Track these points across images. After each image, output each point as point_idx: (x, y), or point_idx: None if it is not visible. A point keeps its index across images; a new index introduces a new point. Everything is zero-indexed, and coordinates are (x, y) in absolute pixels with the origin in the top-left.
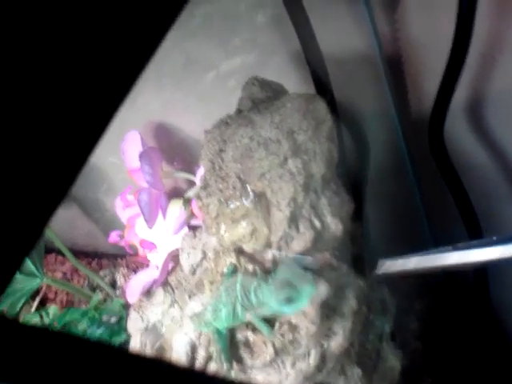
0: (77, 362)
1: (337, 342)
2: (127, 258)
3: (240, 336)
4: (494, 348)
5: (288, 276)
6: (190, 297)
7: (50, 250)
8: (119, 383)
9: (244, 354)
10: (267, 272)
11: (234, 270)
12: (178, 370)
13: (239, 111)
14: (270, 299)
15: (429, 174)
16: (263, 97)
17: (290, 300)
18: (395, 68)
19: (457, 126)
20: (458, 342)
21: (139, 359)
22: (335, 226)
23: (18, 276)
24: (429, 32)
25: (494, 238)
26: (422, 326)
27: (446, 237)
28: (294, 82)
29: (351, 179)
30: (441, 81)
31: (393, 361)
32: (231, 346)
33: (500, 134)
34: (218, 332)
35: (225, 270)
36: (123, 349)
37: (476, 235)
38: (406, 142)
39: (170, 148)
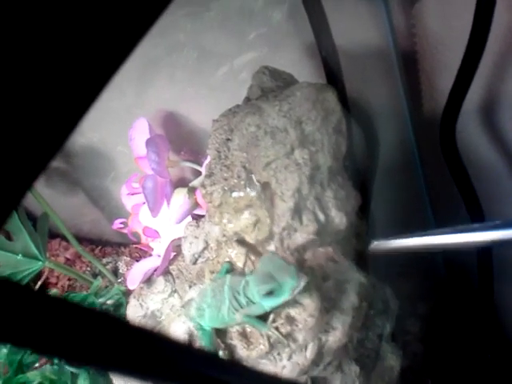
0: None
1: (335, 337)
2: (130, 247)
3: (237, 327)
4: (495, 351)
5: (269, 268)
6: (190, 286)
7: (55, 235)
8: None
9: (240, 344)
10: None
11: (228, 270)
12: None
13: (248, 99)
14: (255, 294)
15: (437, 171)
16: (273, 86)
17: (271, 293)
18: (409, 63)
19: (469, 125)
20: (460, 344)
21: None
22: (339, 220)
23: (21, 258)
24: (445, 29)
25: (497, 221)
26: (424, 328)
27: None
28: (306, 74)
29: (359, 173)
30: (455, 78)
31: (392, 361)
32: (226, 336)
33: None
34: (202, 329)
35: (225, 261)
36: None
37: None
38: (416, 138)
39: (179, 138)
